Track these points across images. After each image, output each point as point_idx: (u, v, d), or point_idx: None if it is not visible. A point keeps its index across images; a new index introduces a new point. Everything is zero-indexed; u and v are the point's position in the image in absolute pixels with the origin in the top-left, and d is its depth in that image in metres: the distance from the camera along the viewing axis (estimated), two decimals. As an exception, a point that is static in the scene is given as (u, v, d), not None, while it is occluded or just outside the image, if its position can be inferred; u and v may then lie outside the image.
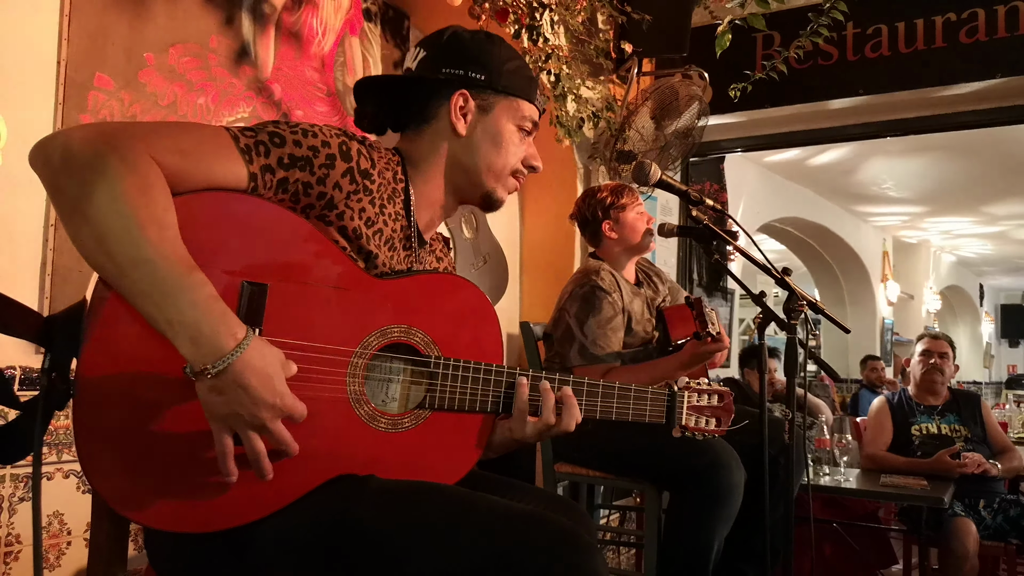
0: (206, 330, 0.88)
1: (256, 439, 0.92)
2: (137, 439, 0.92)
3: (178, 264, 0.88)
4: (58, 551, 1.89)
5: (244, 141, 1.01)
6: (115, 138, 0.91)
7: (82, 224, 0.88)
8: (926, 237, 9.87)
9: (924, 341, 3.63)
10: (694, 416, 1.39)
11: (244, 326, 0.91)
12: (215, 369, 0.88)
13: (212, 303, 0.89)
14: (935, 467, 3.14)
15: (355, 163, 1.10)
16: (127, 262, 0.87)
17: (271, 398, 0.91)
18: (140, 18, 2.05)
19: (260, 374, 0.90)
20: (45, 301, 1.85)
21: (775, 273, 1.76)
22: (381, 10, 2.83)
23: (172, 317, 0.88)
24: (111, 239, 0.87)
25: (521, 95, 1.27)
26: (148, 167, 0.91)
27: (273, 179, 1.02)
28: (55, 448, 1.89)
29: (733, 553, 2.22)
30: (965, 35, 3.35)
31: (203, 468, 0.95)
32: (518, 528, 0.98)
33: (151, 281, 0.87)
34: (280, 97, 2.42)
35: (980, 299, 13.14)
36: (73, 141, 0.90)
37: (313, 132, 1.07)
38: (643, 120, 3.29)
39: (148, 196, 0.89)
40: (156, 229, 0.88)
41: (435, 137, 1.25)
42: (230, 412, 0.90)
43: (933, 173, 6.90)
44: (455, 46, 1.25)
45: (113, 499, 0.92)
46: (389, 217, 1.16)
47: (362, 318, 1.08)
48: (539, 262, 3.53)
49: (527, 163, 1.30)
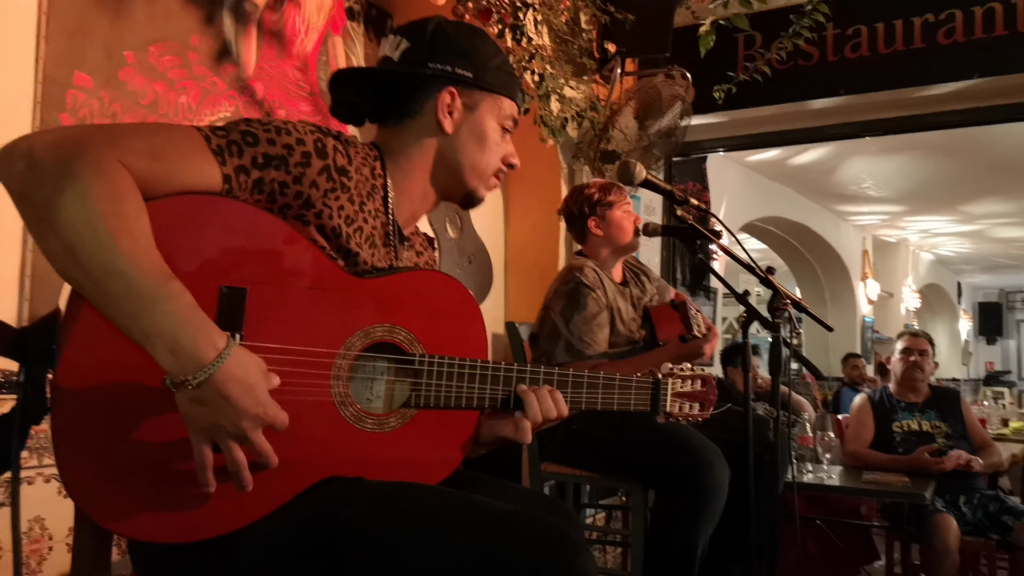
0: (185, 342, 0.85)
1: (237, 450, 0.91)
2: (117, 450, 0.91)
3: (153, 275, 0.86)
4: (39, 556, 1.86)
5: (216, 141, 0.98)
6: (82, 144, 0.87)
7: (51, 235, 0.85)
8: (905, 236, 9.98)
9: (904, 339, 3.67)
10: (678, 402, 1.39)
11: (225, 335, 0.89)
12: (196, 380, 0.86)
13: (190, 313, 0.87)
14: (915, 464, 3.18)
15: (331, 160, 1.07)
16: (100, 274, 0.84)
17: (253, 408, 0.89)
18: (120, 16, 2.02)
19: (242, 384, 0.88)
20: (25, 304, 1.82)
21: (759, 272, 1.77)
22: (364, 9, 2.82)
23: (149, 329, 0.85)
24: (82, 250, 0.84)
25: (505, 93, 1.25)
26: (118, 173, 0.88)
27: (248, 180, 0.99)
28: (36, 452, 1.86)
29: (719, 551, 2.23)
30: (943, 36, 3.39)
31: (185, 478, 0.93)
32: (507, 529, 0.98)
33: (126, 293, 0.85)
34: (263, 96, 2.41)
35: (958, 297, 13.30)
36: (37, 147, 0.86)
37: (287, 130, 1.04)
38: (626, 120, 3.30)
39: (119, 204, 0.86)
40: (129, 239, 0.85)
41: (419, 132, 1.22)
42: (212, 423, 0.88)
43: (912, 172, 6.97)
44: (442, 40, 1.21)
45: (94, 511, 0.91)
46: (369, 214, 1.14)
47: (344, 319, 1.06)
48: (524, 262, 3.52)
49: (506, 161, 1.29)
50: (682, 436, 2.10)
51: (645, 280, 2.57)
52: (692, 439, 2.11)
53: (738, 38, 3.67)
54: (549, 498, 1.42)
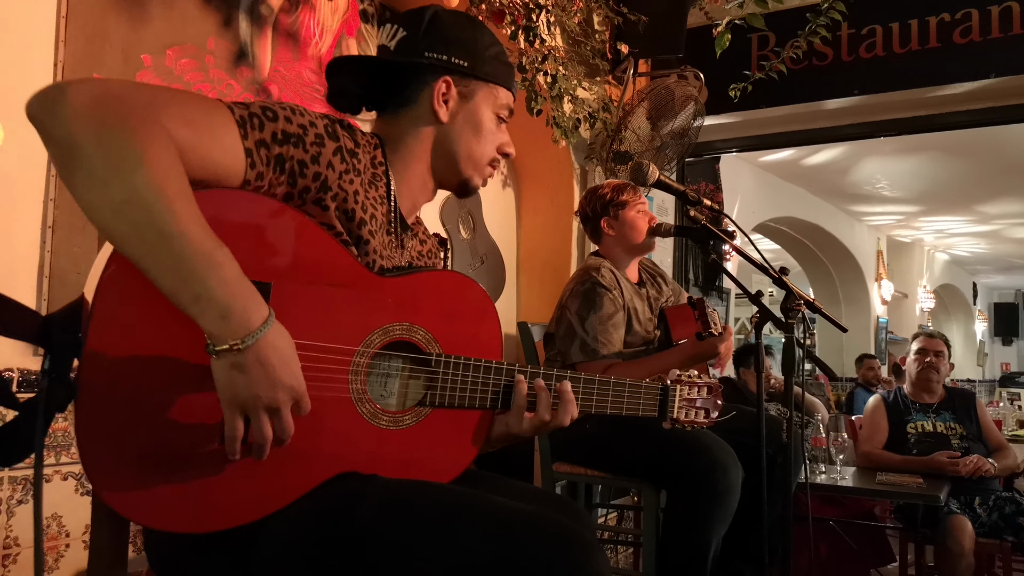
0: (236, 307, 0.87)
1: (266, 423, 0.91)
2: (140, 439, 0.92)
3: (207, 240, 0.87)
4: (56, 553, 1.89)
5: (239, 112, 0.99)
6: (130, 102, 0.87)
7: (97, 190, 0.83)
8: (920, 236, 9.91)
9: (919, 340, 3.65)
10: (685, 408, 1.42)
11: (267, 306, 0.91)
12: (243, 345, 0.87)
13: (242, 280, 0.89)
14: (930, 466, 3.16)
15: (343, 143, 1.09)
16: (154, 235, 0.84)
17: (288, 379, 0.91)
18: (137, 20, 2.04)
19: (281, 355, 0.91)
20: (43, 303, 1.84)
21: (773, 272, 1.77)
22: (378, 11, 2.83)
23: (200, 293, 0.86)
24: (135, 210, 0.83)
25: (500, 82, 1.26)
26: (166, 138, 0.88)
27: (269, 155, 1.00)
28: (53, 450, 1.88)
29: (731, 552, 2.22)
30: (959, 35, 3.37)
31: (206, 467, 0.95)
32: (521, 528, 0.98)
33: (180, 256, 0.84)
34: (278, 98, 2.42)
35: (974, 298, 13.18)
36: (85, 100, 0.84)
37: (300, 111, 1.07)
38: (639, 121, 3.30)
39: (173, 168, 0.87)
40: (183, 202, 0.86)
41: (415, 121, 1.23)
42: (249, 393, 0.89)
43: (927, 173, 6.93)
44: (438, 29, 1.22)
45: (115, 501, 0.92)
46: (373, 201, 1.16)
47: (364, 316, 1.08)
48: (536, 262, 3.53)
49: (502, 150, 1.29)
50: (695, 437, 2.10)
51: (661, 282, 2.57)
52: (705, 440, 2.11)
53: (752, 38, 3.66)
54: (561, 498, 1.43)
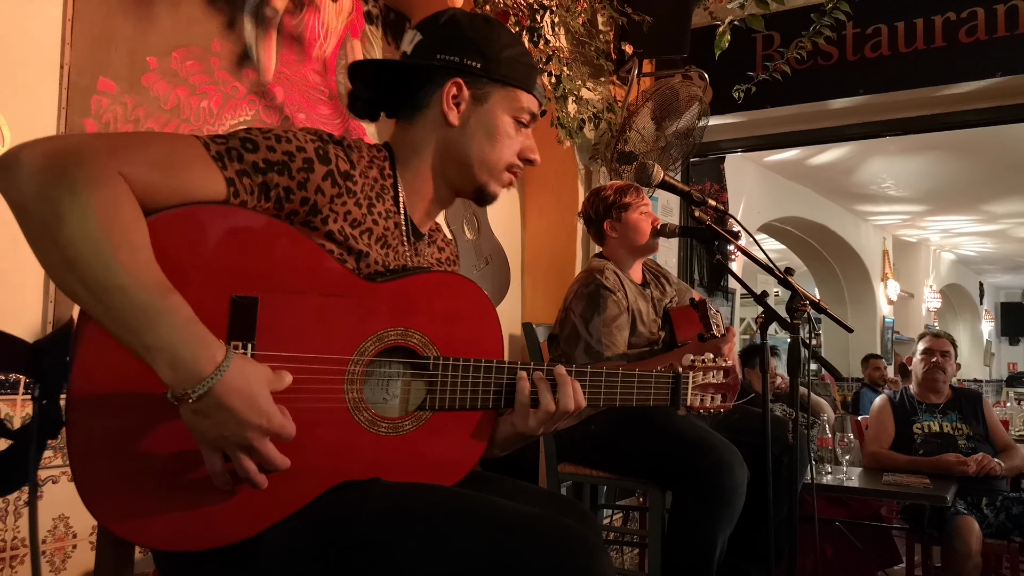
0: (184, 355, 0.85)
1: (245, 459, 0.90)
2: (132, 461, 0.91)
3: (153, 288, 0.85)
4: (64, 554, 1.89)
5: (215, 148, 0.97)
6: (80, 154, 0.86)
7: (51, 248, 0.84)
8: (926, 236, 9.88)
9: (926, 340, 3.64)
10: (699, 395, 1.37)
11: (224, 347, 0.88)
12: (195, 394, 0.85)
13: (190, 327, 0.86)
14: (937, 466, 3.15)
15: (334, 166, 1.06)
16: (99, 288, 0.83)
17: (256, 419, 0.88)
18: (143, 22, 2.05)
19: (243, 395, 0.87)
20: (49, 306, 1.85)
21: (778, 273, 1.77)
22: (382, 12, 2.84)
23: (150, 343, 0.84)
24: (82, 264, 0.83)
25: (519, 85, 1.21)
26: (118, 185, 0.86)
27: (252, 183, 0.98)
28: (60, 451, 1.89)
29: (737, 553, 2.22)
30: (965, 34, 3.36)
31: (200, 486, 0.94)
32: (524, 530, 0.98)
33: (126, 307, 0.84)
34: (283, 100, 2.43)
35: (980, 297, 13.14)
36: (35, 158, 0.85)
37: (287, 138, 1.03)
38: (644, 121, 3.30)
39: (118, 216, 0.85)
40: (129, 251, 0.84)
41: (426, 126, 1.20)
42: (216, 435, 0.88)
43: (933, 172, 6.91)
44: (452, 30, 1.19)
45: (112, 522, 0.91)
46: (379, 216, 1.13)
47: (357, 324, 1.05)
48: (541, 263, 3.53)
49: (524, 156, 1.24)
50: (701, 437, 2.10)
51: (665, 282, 2.57)
52: (711, 440, 2.11)
53: (756, 38, 3.66)
54: (566, 499, 1.41)
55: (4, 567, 1.78)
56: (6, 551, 1.78)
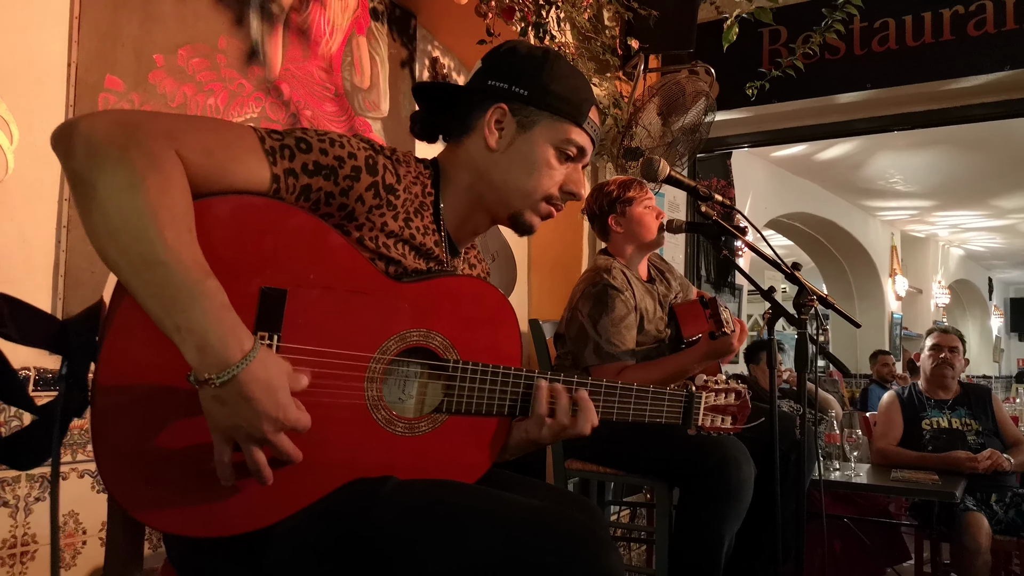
0: (214, 340, 0.86)
1: (256, 451, 0.91)
2: (155, 445, 0.92)
3: (193, 269, 0.86)
4: (73, 550, 1.90)
5: (270, 143, 0.99)
6: (140, 130, 0.88)
7: (98, 218, 0.86)
8: (934, 231, 9.83)
9: (934, 336, 3.62)
10: (710, 416, 1.39)
11: (252, 337, 0.90)
12: (219, 380, 0.86)
13: (223, 313, 0.87)
14: (947, 462, 3.14)
15: (380, 177, 1.07)
16: (140, 261, 0.85)
17: (273, 411, 0.89)
18: (149, 19, 2.05)
19: (264, 386, 0.88)
20: (59, 302, 1.86)
21: (785, 268, 1.76)
22: (388, 9, 2.83)
23: (181, 323, 0.85)
24: (126, 236, 0.85)
25: (567, 116, 1.20)
26: (173, 165, 0.89)
27: (296, 184, 1.00)
28: (70, 448, 1.90)
29: (744, 549, 2.22)
30: (973, 27, 3.34)
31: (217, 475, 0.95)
32: (534, 525, 0.98)
33: (163, 284, 0.85)
34: (289, 97, 2.43)
35: (989, 293, 13.08)
36: (96, 130, 0.87)
37: (340, 143, 1.05)
38: (650, 116, 3.29)
39: (170, 196, 0.87)
40: (174, 231, 0.86)
41: (470, 149, 1.22)
42: (231, 424, 0.89)
43: (941, 167, 6.87)
44: (507, 58, 1.22)
45: (131, 505, 0.92)
46: (417, 231, 1.14)
47: (381, 323, 1.07)
48: (547, 259, 3.53)
49: (566, 188, 1.24)
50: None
51: (670, 277, 2.57)
52: (719, 437, 2.10)
53: (763, 32, 3.65)
54: (574, 495, 1.42)
55: (15, 563, 1.79)
56: (16, 547, 1.79)
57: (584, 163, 1.26)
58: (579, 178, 1.25)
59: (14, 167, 1.79)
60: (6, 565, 1.78)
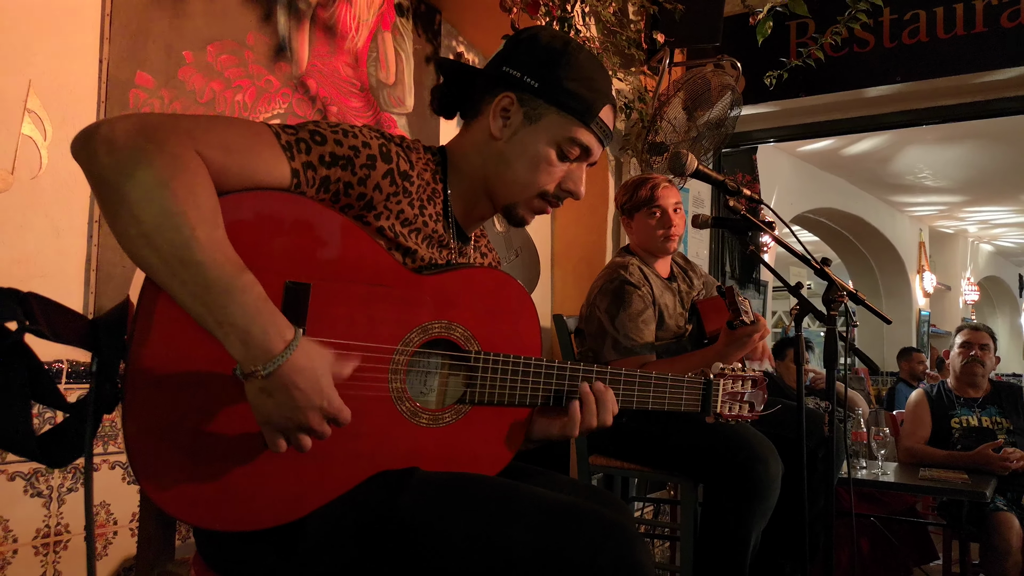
0: (256, 332, 0.87)
1: (304, 439, 0.93)
2: (185, 441, 0.93)
3: (228, 266, 0.87)
4: (105, 541, 1.93)
5: (285, 138, 1.00)
6: (160, 132, 0.89)
7: (129, 222, 0.86)
8: (963, 227, 9.68)
9: (964, 333, 3.57)
10: (728, 403, 1.40)
11: (292, 327, 0.90)
12: (265, 371, 0.87)
13: (262, 305, 0.88)
14: (976, 460, 3.09)
15: (395, 164, 1.08)
16: (176, 262, 0.85)
17: (318, 400, 0.91)
18: (179, 16, 2.08)
19: (308, 375, 0.90)
20: (90, 297, 1.88)
21: (814, 263, 1.75)
22: (413, 4, 2.84)
23: (222, 319, 0.87)
24: (160, 239, 0.85)
25: (575, 115, 1.17)
26: (197, 165, 0.89)
27: (316, 176, 1.01)
28: (100, 440, 1.93)
29: (771, 547, 2.20)
30: (1007, 19, 3.28)
31: (249, 468, 0.96)
32: (563, 519, 0.98)
33: (202, 283, 0.86)
34: (315, 93, 2.45)
35: (1020, 290, 12.84)
36: (117, 134, 0.87)
37: (353, 133, 1.06)
38: (675, 111, 3.26)
39: (197, 195, 0.88)
40: (206, 229, 0.87)
41: (476, 134, 1.21)
42: (279, 415, 0.90)
43: (971, 161, 6.76)
44: (527, 46, 1.19)
45: (162, 500, 0.93)
46: (429, 218, 1.15)
47: (404, 315, 1.08)
48: (570, 255, 3.52)
49: (564, 187, 1.22)
50: (735, 431, 2.08)
51: (692, 276, 2.55)
52: (746, 434, 2.09)
53: (790, 26, 3.61)
54: (600, 490, 1.42)
55: (48, 551, 1.82)
56: (50, 536, 1.83)
57: (590, 162, 1.23)
58: (579, 177, 1.23)
59: (47, 162, 1.82)
60: (40, 554, 1.81)
